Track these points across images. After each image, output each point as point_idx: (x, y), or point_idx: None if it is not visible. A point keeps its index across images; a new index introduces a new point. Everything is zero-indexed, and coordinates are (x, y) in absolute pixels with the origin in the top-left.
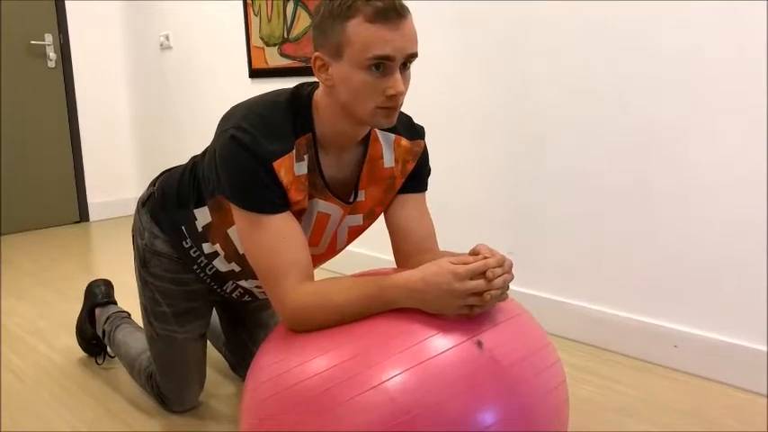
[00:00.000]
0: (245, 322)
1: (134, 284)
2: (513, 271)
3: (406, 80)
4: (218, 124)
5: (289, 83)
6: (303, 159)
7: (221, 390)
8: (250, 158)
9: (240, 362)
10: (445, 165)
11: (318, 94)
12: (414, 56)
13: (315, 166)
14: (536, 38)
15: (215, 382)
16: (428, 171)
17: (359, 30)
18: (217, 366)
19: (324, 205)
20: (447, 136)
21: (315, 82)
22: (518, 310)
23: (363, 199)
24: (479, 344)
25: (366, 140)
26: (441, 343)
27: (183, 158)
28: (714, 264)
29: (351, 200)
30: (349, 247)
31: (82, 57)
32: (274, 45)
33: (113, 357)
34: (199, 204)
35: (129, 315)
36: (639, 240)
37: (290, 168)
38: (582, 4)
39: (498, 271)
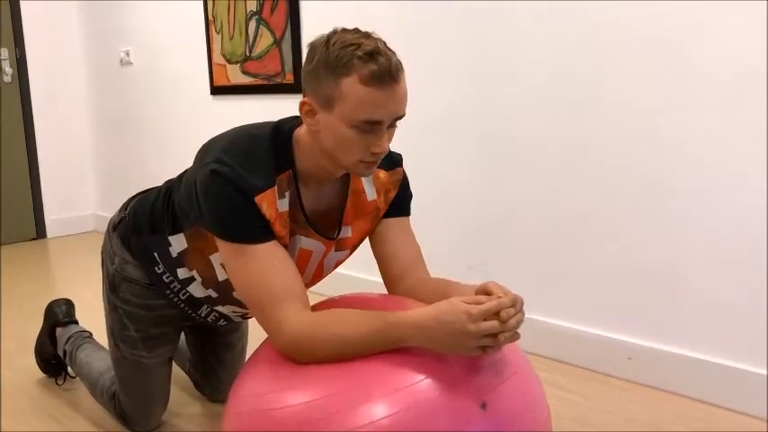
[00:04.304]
0: (212, 343)
1: (95, 302)
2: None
3: (390, 136)
4: (197, 156)
5: (250, 100)
6: (284, 196)
7: (185, 409)
8: (232, 191)
9: (205, 381)
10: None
11: (301, 133)
12: (402, 116)
13: (296, 202)
14: (502, 51)
15: (179, 401)
16: (410, 195)
17: (353, 89)
18: (181, 385)
19: (306, 242)
20: (409, 150)
21: (296, 117)
22: (520, 358)
23: (350, 234)
24: (484, 405)
25: (347, 174)
26: (443, 400)
27: (143, 174)
28: (668, 277)
29: (335, 235)
30: (335, 270)
31: (39, 71)
32: (236, 63)
33: (74, 378)
34: (175, 231)
35: (91, 335)
36: (596, 255)
37: (273, 203)
38: (552, 17)
39: (512, 311)
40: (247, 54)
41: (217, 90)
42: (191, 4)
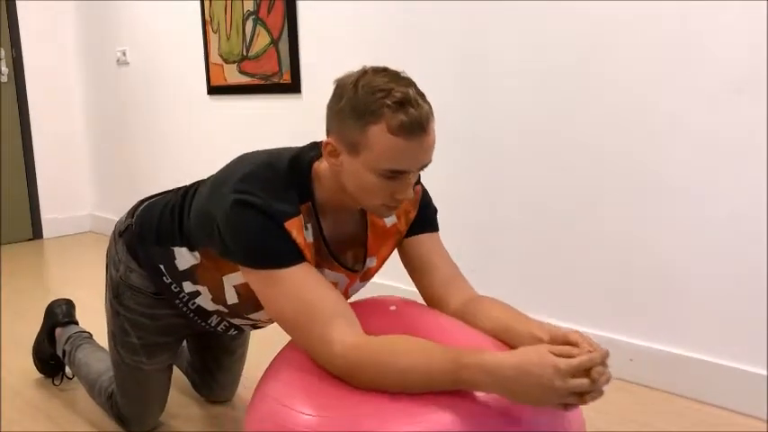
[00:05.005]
0: (212, 348)
1: (90, 302)
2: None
3: (415, 178)
4: (213, 184)
5: (248, 100)
6: (308, 228)
7: (183, 410)
8: (261, 218)
9: (203, 383)
10: None
11: (321, 167)
12: (428, 164)
13: (318, 234)
14: (501, 53)
15: (177, 403)
16: (433, 210)
17: (380, 139)
18: (179, 386)
19: (331, 275)
20: None
21: (314, 147)
22: (580, 422)
23: (375, 264)
24: None
25: None
26: None
27: (139, 175)
28: (668, 278)
29: (361, 268)
30: None
31: (36, 71)
32: (233, 62)
33: (71, 378)
34: (184, 245)
35: (91, 335)
36: (596, 256)
37: (301, 231)
38: (551, 17)
39: (601, 369)
40: (244, 54)
41: (214, 90)
42: (187, 4)
